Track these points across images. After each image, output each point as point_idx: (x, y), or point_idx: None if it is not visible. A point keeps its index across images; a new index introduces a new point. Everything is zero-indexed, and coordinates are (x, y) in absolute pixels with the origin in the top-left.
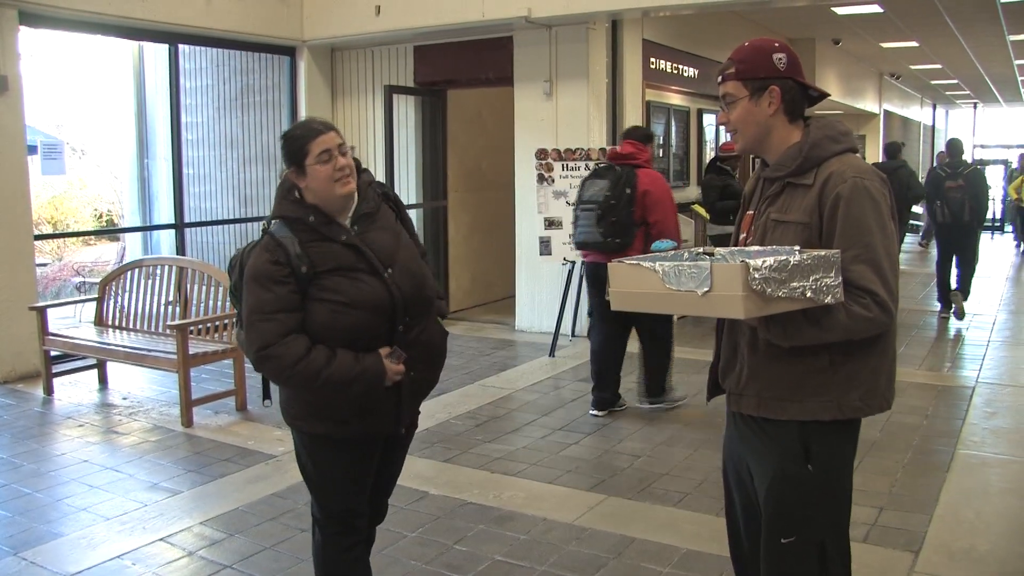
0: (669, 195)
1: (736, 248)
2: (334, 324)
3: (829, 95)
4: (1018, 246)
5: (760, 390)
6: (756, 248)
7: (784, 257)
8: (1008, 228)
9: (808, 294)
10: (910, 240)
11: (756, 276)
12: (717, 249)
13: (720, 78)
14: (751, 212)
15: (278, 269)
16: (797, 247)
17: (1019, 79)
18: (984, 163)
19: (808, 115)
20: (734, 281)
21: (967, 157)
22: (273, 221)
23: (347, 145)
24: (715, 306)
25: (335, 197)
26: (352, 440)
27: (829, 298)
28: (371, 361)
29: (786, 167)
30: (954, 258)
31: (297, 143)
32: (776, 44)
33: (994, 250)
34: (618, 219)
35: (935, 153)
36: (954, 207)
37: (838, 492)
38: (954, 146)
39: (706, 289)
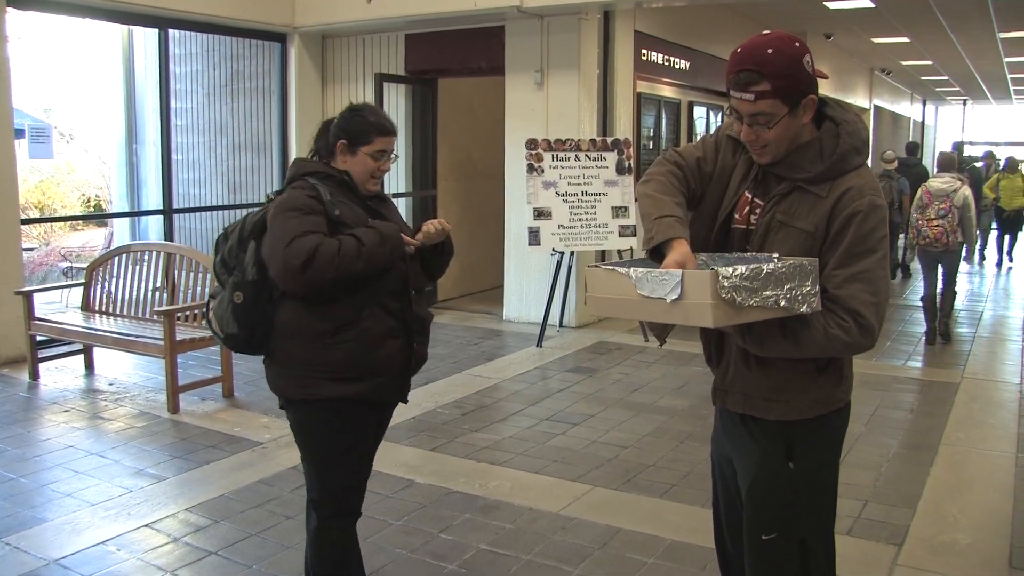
0: None
1: (718, 254)
2: None
3: (827, 77)
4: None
5: (746, 388)
6: (736, 255)
7: (757, 265)
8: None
9: (782, 303)
10: None
11: (725, 284)
12: (699, 254)
13: (751, 96)
14: (748, 195)
15: (314, 203)
16: (776, 255)
17: (1008, 77)
18: (975, 159)
19: (825, 100)
20: (704, 289)
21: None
22: (303, 176)
23: (395, 153)
24: (686, 314)
25: (362, 186)
26: (360, 405)
27: (804, 307)
28: (382, 224)
29: (804, 171)
30: None
31: (368, 128)
32: (797, 44)
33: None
34: None
35: (923, 149)
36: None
37: (821, 489)
38: (958, 146)
39: (676, 296)
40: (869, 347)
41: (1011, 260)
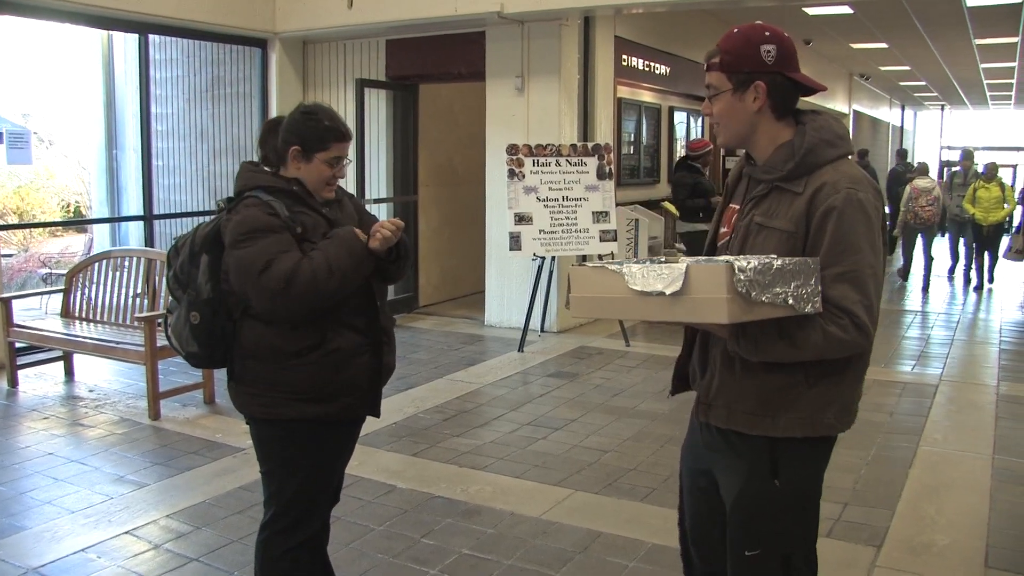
0: None
1: (707, 258)
2: None
3: (825, 88)
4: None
5: (731, 402)
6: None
7: (767, 260)
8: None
9: (790, 301)
10: None
11: (742, 277)
12: (683, 259)
13: (705, 65)
14: (735, 206)
15: (276, 220)
16: (774, 255)
17: (984, 82)
18: (951, 163)
19: (801, 109)
20: (718, 282)
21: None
22: (253, 191)
23: (348, 159)
24: (695, 310)
25: (317, 194)
26: (326, 425)
27: (809, 307)
28: (339, 233)
29: (777, 170)
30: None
31: (323, 134)
32: (767, 33)
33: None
34: None
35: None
36: None
37: (806, 507)
38: (903, 152)
39: (675, 289)
40: (866, 346)
41: (991, 280)
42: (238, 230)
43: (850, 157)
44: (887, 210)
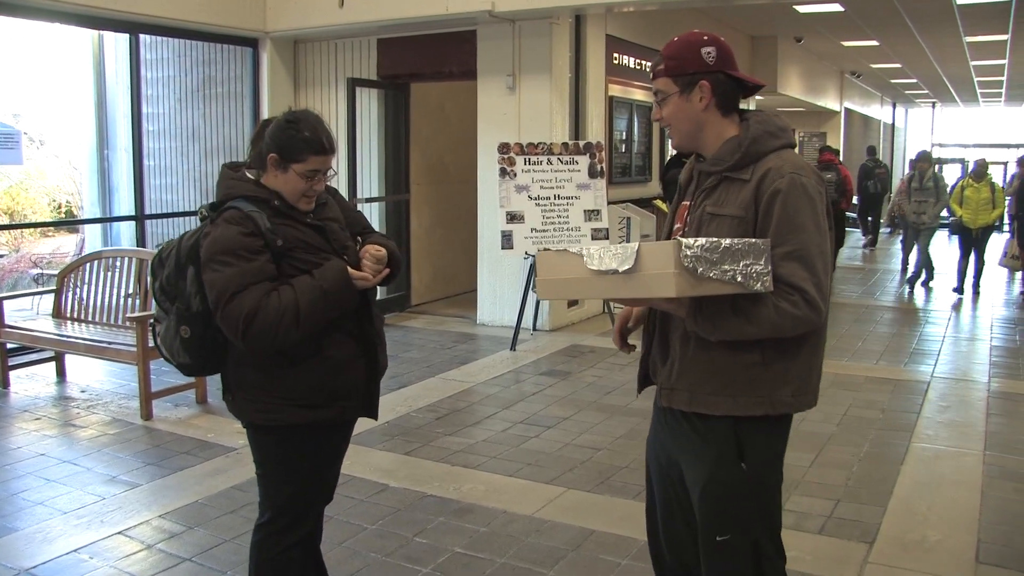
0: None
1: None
2: None
3: (764, 85)
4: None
5: (691, 385)
6: None
7: (716, 239)
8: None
9: (739, 278)
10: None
11: (688, 253)
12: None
13: (652, 74)
14: (687, 203)
15: (252, 241)
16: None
17: (975, 80)
18: (942, 160)
19: (744, 108)
20: (666, 258)
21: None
22: (235, 200)
23: (332, 170)
24: (646, 285)
25: (296, 205)
26: (324, 428)
27: (759, 285)
28: (327, 265)
29: (725, 162)
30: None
31: (300, 145)
32: (705, 37)
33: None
34: None
35: (894, 151)
36: (882, 182)
37: (770, 489)
38: (872, 149)
39: (628, 267)
40: (819, 322)
41: (977, 290)
42: (211, 250)
43: (792, 149)
44: (855, 201)
